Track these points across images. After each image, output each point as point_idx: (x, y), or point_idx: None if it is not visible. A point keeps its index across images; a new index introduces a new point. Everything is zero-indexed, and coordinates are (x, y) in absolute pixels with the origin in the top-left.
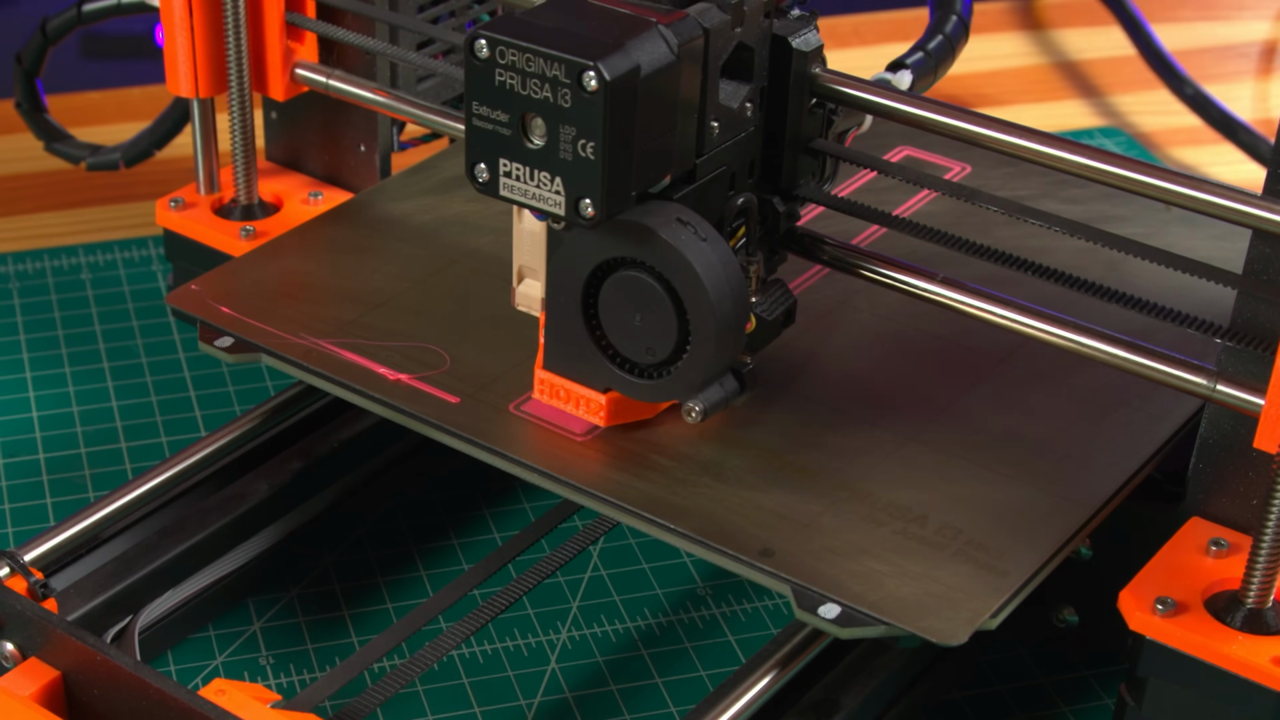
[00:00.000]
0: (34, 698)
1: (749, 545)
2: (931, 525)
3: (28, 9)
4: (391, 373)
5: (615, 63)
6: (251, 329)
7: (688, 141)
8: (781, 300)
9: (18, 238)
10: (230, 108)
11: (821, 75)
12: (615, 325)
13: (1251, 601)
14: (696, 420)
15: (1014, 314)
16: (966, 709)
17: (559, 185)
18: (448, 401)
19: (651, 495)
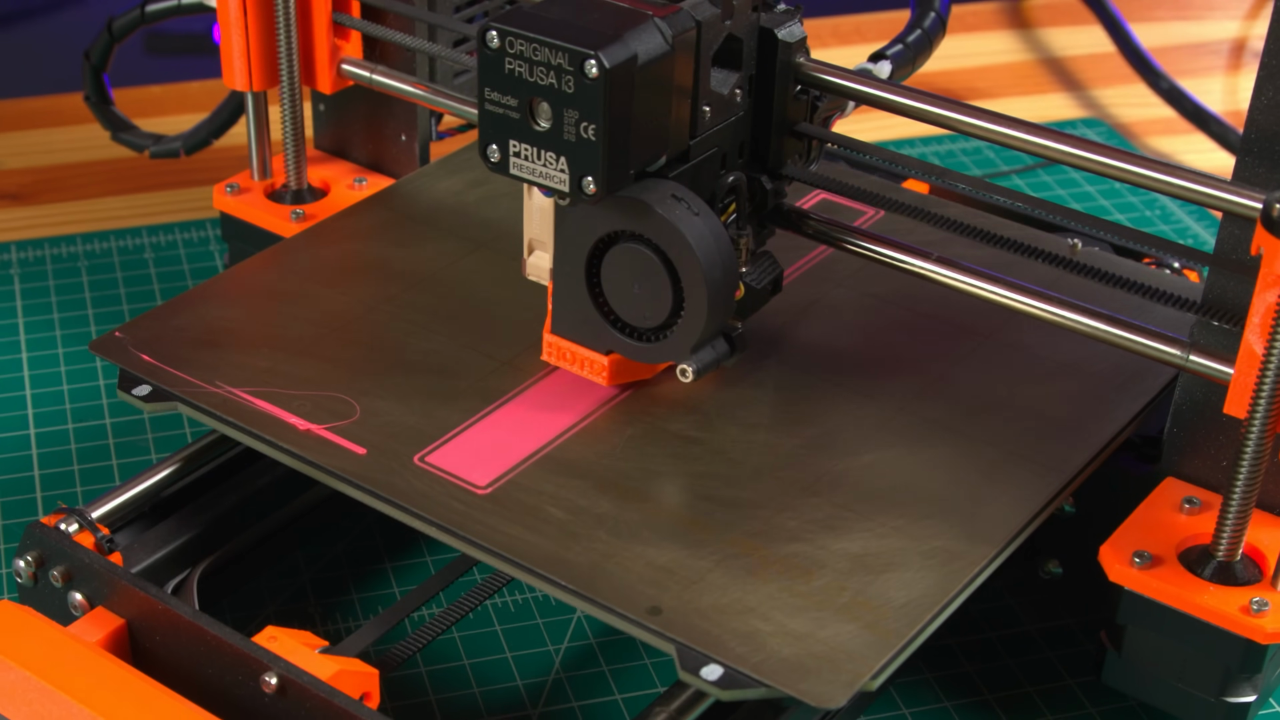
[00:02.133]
0: (101, 644)
1: (637, 603)
2: (819, 580)
3: (95, 9)
4: (302, 422)
5: (614, 52)
6: (169, 377)
7: (682, 124)
8: (769, 270)
9: (86, 220)
10: (281, 100)
11: (805, 64)
12: (616, 293)
13: (1221, 555)
14: (689, 380)
15: (1003, 290)
16: (959, 654)
17: (563, 164)
18: (354, 453)
19: (545, 550)
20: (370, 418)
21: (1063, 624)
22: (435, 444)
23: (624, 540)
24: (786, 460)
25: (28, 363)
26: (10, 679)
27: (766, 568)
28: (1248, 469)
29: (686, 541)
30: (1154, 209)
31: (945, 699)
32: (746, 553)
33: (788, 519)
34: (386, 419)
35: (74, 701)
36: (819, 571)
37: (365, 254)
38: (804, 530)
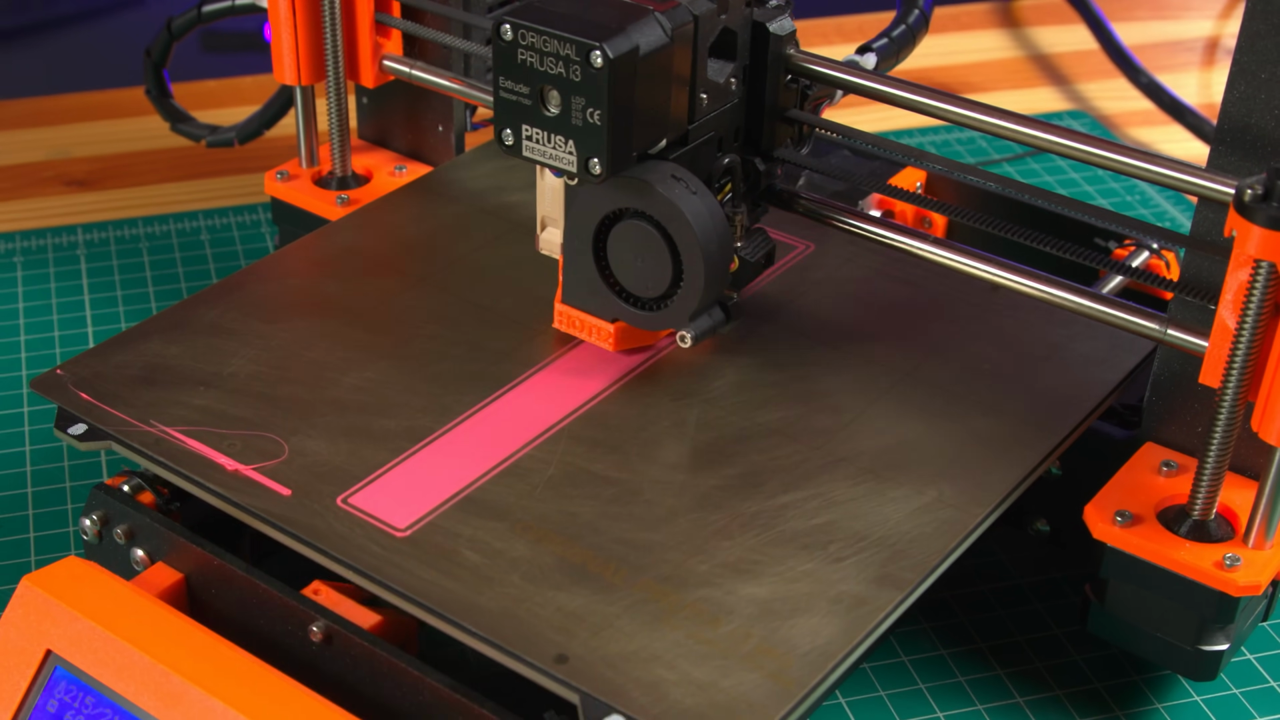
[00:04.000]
0: (161, 596)
1: (544, 650)
2: (725, 627)
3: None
4: (230, 462)
5: (617, 43)
6: (105, 416)
7: (681, 110)
8: (762, 245)
9: (147, 205)
10: (328, 93)
11: (795, 55)
12: (621, 265)
13: (1197, 514)
14: (689, 345)
15: (991, 267)
16: (953, 606)
17: (571, 147)
18: (279, 494)
19: (457, 595)
20: (298, 457)
21: (1050, 578)
22: (359, 485)
23: (536, 585)
24: (702, 501)
25: (93, 337)
26: (77, 629)
27: (675, 614)
28: (1221, 434)
29: (598, 586)
30: (1134, 194)
31: (941, 647)
32: (656, 598)
33: (699, 563)
34: (313, 459)
35: (137, 650)
36: (726, 618)
37: (308, 290)
38: (714, 575)
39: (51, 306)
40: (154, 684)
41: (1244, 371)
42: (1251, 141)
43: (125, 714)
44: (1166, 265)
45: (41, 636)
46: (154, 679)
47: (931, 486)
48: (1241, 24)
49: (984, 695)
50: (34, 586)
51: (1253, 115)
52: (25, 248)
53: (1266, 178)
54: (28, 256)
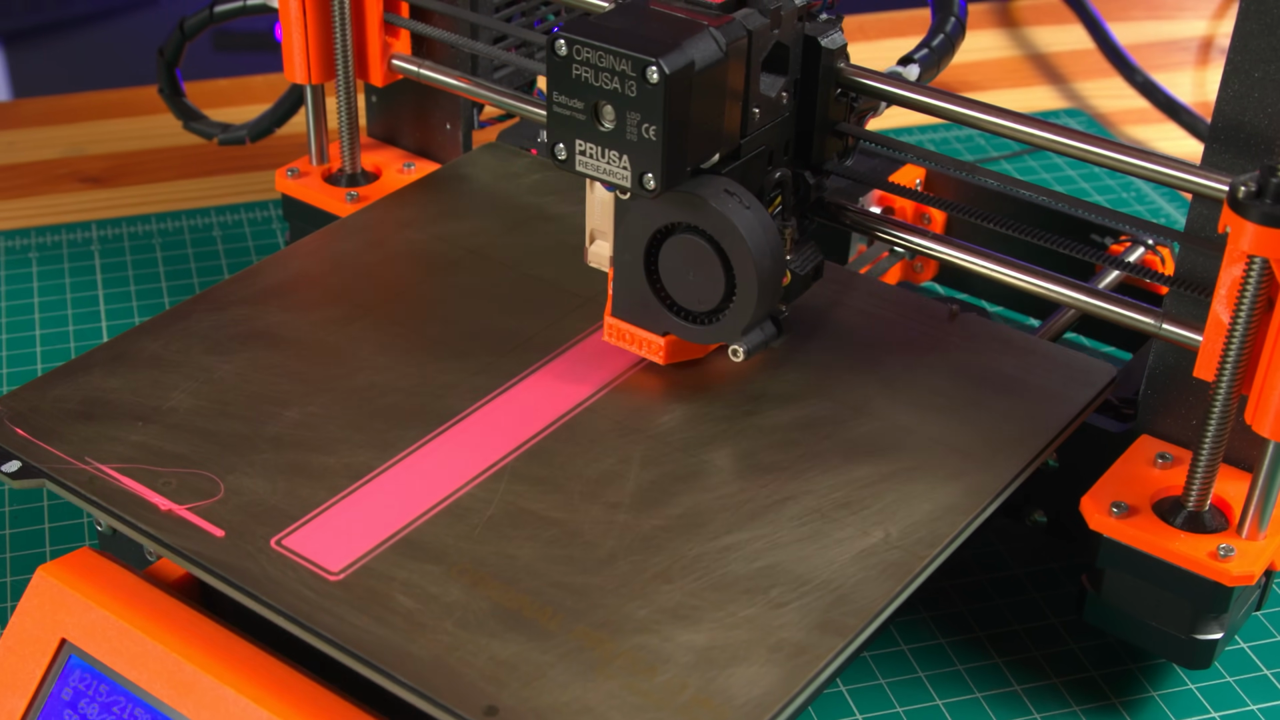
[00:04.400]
0: (173, 586)
1: (474, 702)
2: (661, 676)
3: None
4: (165, 502)
5: (673, 59)
6: (40, 452)
7: (734, 125)
8: (812, 258)
9: (160, 201)
10: (337, 92)
11: (845, 69)
12: (672, 279)
13: (1191, 505)
14: (741, 359)
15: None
16: (952, 596)
17: (626, 162)
18: (212, 535)
19: (388, 642)
20: (233, 496)
21: (1047, 568)
22: (295, 525)
23: (470, 632)
24: (644, 543)
25: (107, 331)
26: (91, 619)
27: (610, 663)
28: (1215, 427)
29: (533, 633)
30: (1130, 191)
31: (940, 636)
32: (591, 646)
33: (637, 608)
34: (249, 498)
35: (149, 639)
36: (662, 666)
37: (252, 321)
38: (652, 620)
39: (66, 302)
40: (166, 672)
41: (1238, 365)
42: (1245, 139)
43: (138, 701)
44: (1162, 261)
45: (56, 626)
46: (166, 667)
47: (878, 527)
48: (1235, 24)
49: (982, 683)
50: (49, 577)
51: (1246, 113)
52: (40, 244)
53: (1260, 175)
54: (43, 252)
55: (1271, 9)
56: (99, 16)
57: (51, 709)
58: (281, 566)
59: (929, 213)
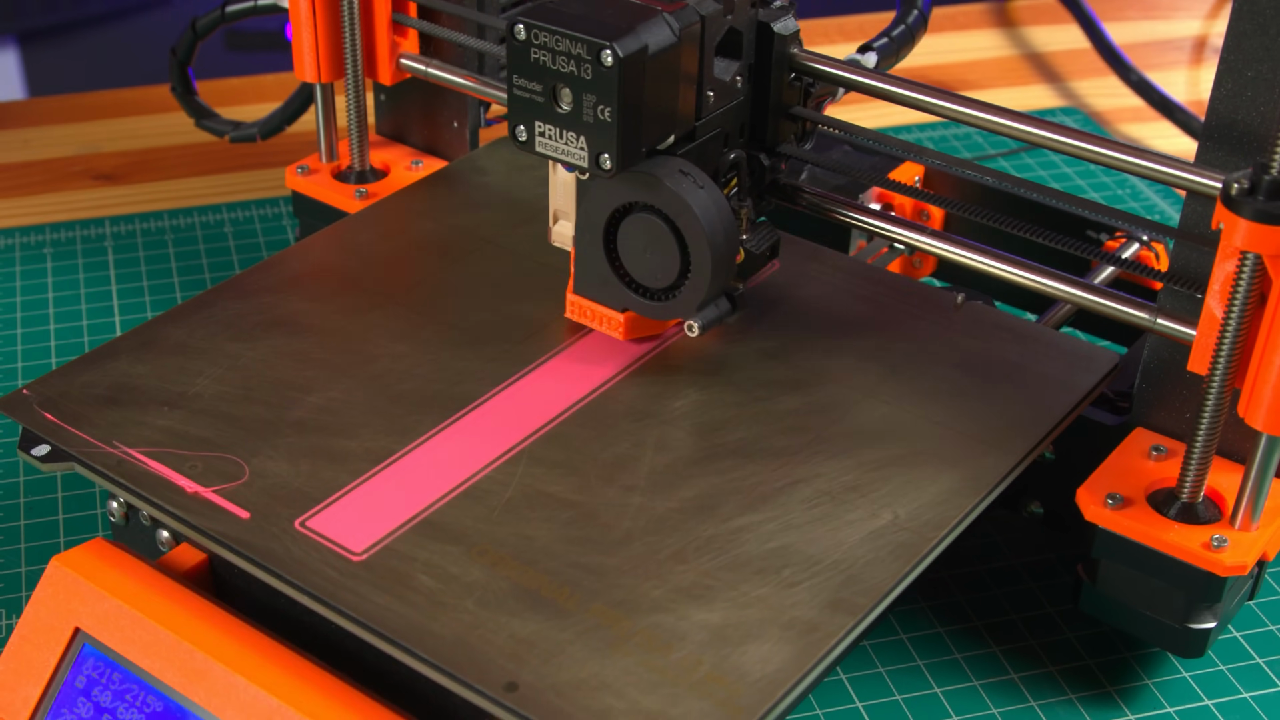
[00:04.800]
0: (185, 576)
1: (495, 678)
2: (677, 653)
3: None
4: (191, 484)
5: (627, 43)
6: (69, 436)
7: (688, 108)
8: (767, 237)
9: (173, 198)
10: (347, 91)
11: (798, 54)
12: (630, 257)
13: (1185, 497)
14: (696, 335)
15: (987, 258)
16: (950, 586)
17: (583, 143)
18: (237, 517)
19: (410, 620)
20: (258, 479)
21: (1044, 558)
22: (318, 507)
23: (490, 610)
24: (659, 525)
25: (120, 326)
26: (104, 608)
27: (626, 640)
28: (1209, 420)
29: (551, 612)
30: (1125, 188)
31: (939, 625)
32: (608, 624)
33: (653, 587)
34: (273, 481)
35: (162, 628)
36: (678, 644)
37: (275, 309)
38: (667, 600)
39: (80, 296)
40: (178, 661)
41: (1231, 359)
42: (1238, 137)
43: (150, 689)
44: (1156, 256)
45: (70, 615)
46: (178, 656)
47: (887, 509)
48: (1228, 24)
49: (980, 671)
50: (63, 567)
51: (1239, 112)
52: (55, 239)
53: (1253, 172)
54: (57, 248)
55: (1264, 9)
56: (113, 16)
57: (66, 696)
58: (305, 547)
59: (927, 209)
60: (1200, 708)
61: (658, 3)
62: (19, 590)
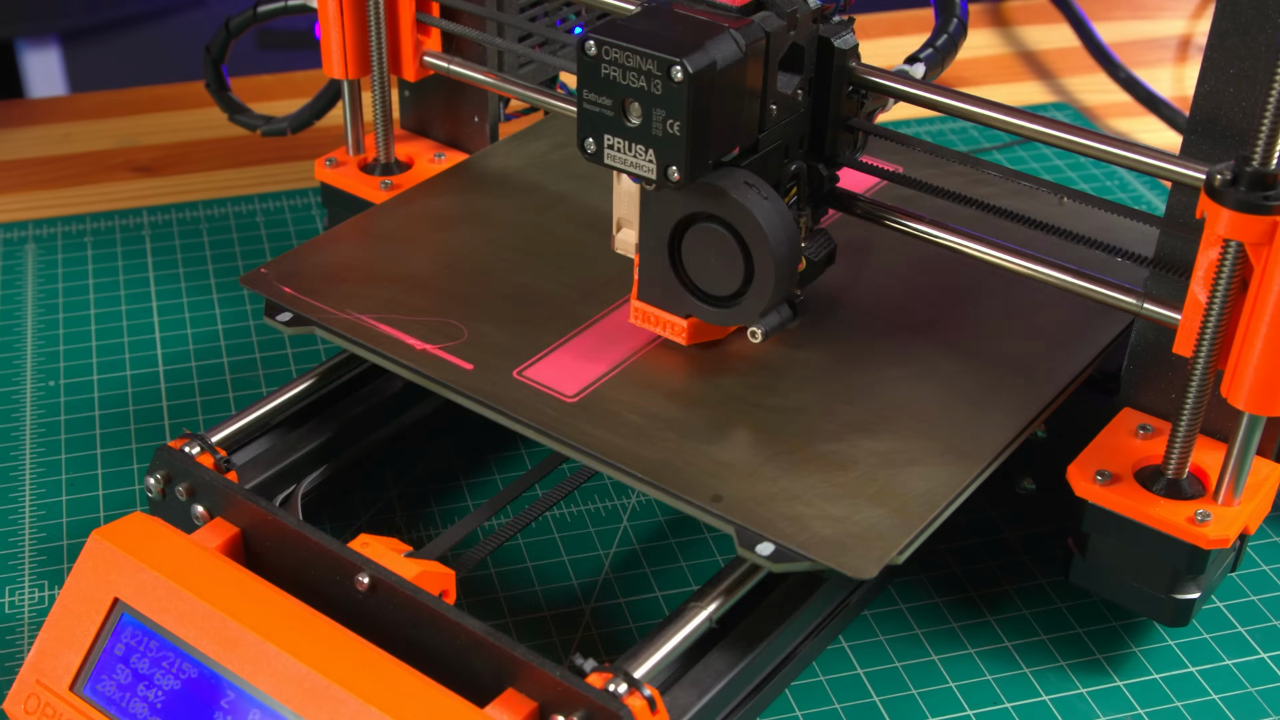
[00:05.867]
0: (219, 549)
1: (702, 491)
2: (853, 473)
3: (215, 9)
4: (419, 343)
5: (696, 59)
6: (307, 306)
7: (752, 120)
8: (825, 245)
9: (207, 189)
10: (373, 87)
11: (856, 68)
12: (695, 265)
13: (1171, 473)
14: (759, 341)
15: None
16: (947, 558)
17: (651, 155)
18: (462, 368)
19: (624, 448)
20: (476, 339)
21: (1036, 532)
22: (531, 360)
23: (690, 441)
24: (825, 373)
25: (157, 310)
26: (142, 579)
27: (809, 464)
28: (1193, 400)
29: (743, 442)
30: (1113, 180)
31: (936, 595)
32: (793, 450)
33: (826, 423)
34: (490, 340)
35: (197, 598)
36: (853, 466)
37: (462, 207)
38: (840, 432)
39: (119, 283)
40: (213, 629)
41: (1214, 342)
42: (1221, 131)
43: (186, 657)
44: None
45: (110, 586)
46: (213, 625)
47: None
48: (1211, 23)
49: (975, 639)
50: (103, 540)
51: (1222, 107)
52: (95, 229)
53: (1235, 164)
54: (97, 237)
55: (1245, 10)
56: (151, 16)
57: (105, 663)
58: (525, 392)
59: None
60: (1185, 674)
61: (724, 19)
62: (60, 563)
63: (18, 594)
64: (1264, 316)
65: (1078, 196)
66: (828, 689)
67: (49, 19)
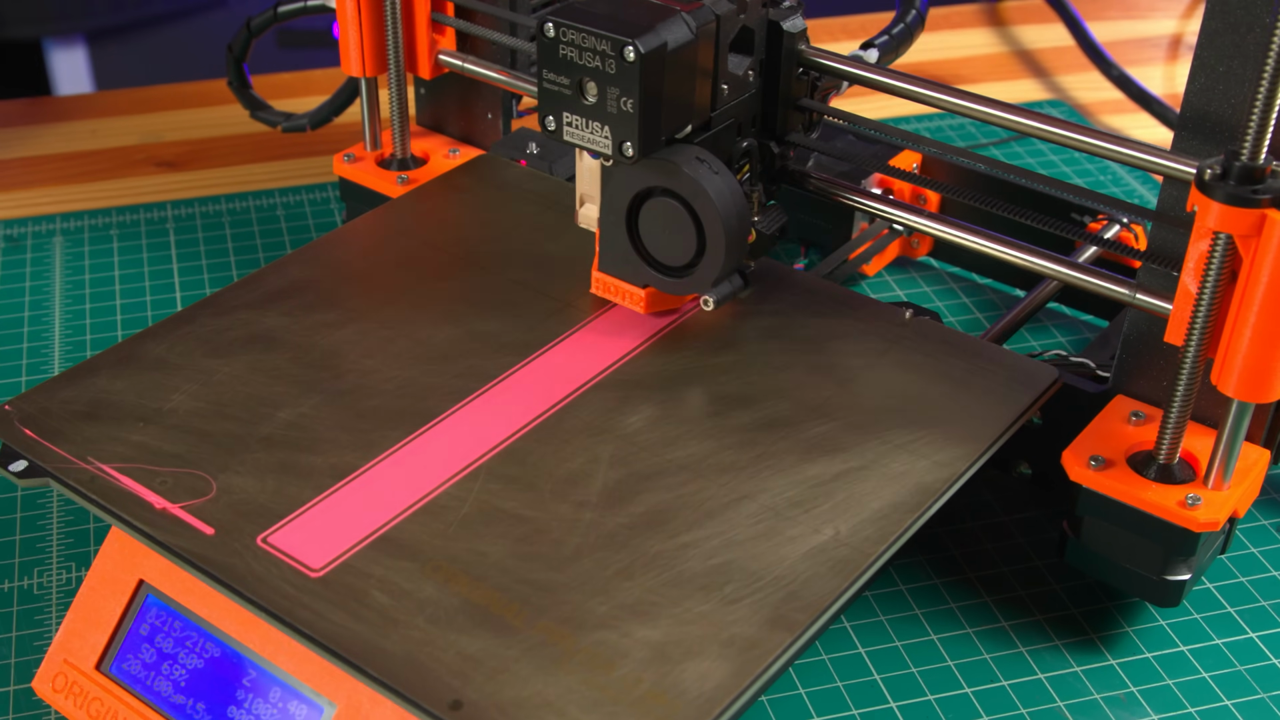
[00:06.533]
0: None
1: (440, 696)
2: (619, 670)
3: (236, 10)
4: (159, 500)
5: (648, 40)
6: (46, 452)
7: (704, 100)
8: (777, 219)
9: (229, 183)
10: (389, 84)
11: (805, 50)
12: (651, 237)
13: (1162, 459)
14: (711, 309)
15: (980, 239)
16: (945, 541)
17: (607, 132)
18: (202, 533)
19: (362, 638)
20: (224, 495)
21: (1032, 515)
22: (281, 523)
23: (440, 628)
24: (608, 541)
25: (180, 301)
26: (165, 562)
27: (571, 657)
28: (1184, 387)
29: (499, 628)
30: (1106, 174)
31: (935, 577)
32: (554, 641)
33: (599, 604)
34: (239, 496)
35: None
36: (620, 661)
37: (252, 325)
38: (612, 616)
39: (144, 274)
40: (235, 610)
41: (1204, 331)
42: (1211, 127)
43: (209, 636)
44: (1135, 237)
45: (135, 568)
46: (234, 606)
47: (829, 525)
48: (1202, 23)
49: (973, 620)
50: None
51: (1212, 104)
52: (120, 222)
53: (1224, 159)
54: (122, 230)
55: (1234, 10)
56: (174, 16)
57: (131, 643)
58: (266, 564)
59: (924, 193)
60: (1176, 653)
61: (676, 3)
62: (87, 545)
63: (46, 575)
64: (1252, 306)
65: (1071, 191)
66: (830, 667)
67: (75, 19)
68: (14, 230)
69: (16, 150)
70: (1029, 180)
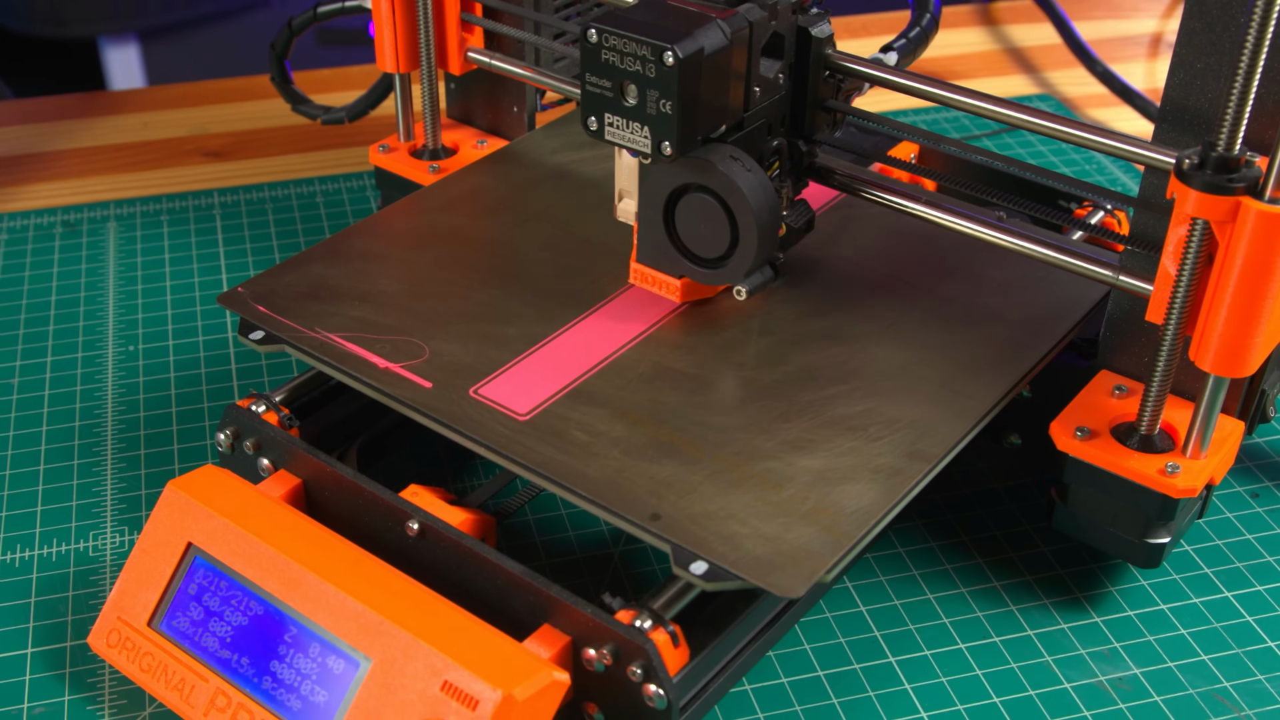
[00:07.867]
0: (283, 498)
1: (641, 510)
2: (787, 491)
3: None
4: (382, 361)
5: (686, 45)
6: (279, 325)
7: (737, 101)
8: (804, 214)
9: (271, 173)
10: (422, 80)
11: (832, 55)
12: (687, 231)
13: (1144, 429)
14: (743, 298)
15: (979, 226)
16: (941, 506)
17: (646, 132)
18: (422, 386)
19: (569, 466)
20: (436, 358)
21: (1022, 482)
22: (487, 379)
23: (633, 458)
24: (766, 393)
25: (226, 283)
26: (213, 525)
27: (746, 481)
28: (1164, 363)
29: (683, 460)
30: (1092, 164)
31: (931, 540)
32: (731, 469)
33: (764, 441)
34: (449, 359)
35: (263, 543)
36: (787, 484)
37: (436, 225)
38: (777, 450)
39: (192, 257)
40: (278, 571)
41: (1183, 310)
42: (1189, 120)
43: (253, 595)
44: (1119, 223)
45: (184, 531)
46: (278, 567)
47: (951, 381)
48: (1181, 22)
49: (967, 580)
50: (177, 490)
51: (1190, 98)
52: (170, 209)
53: (1202, 150)
54: (172, 216)
55: (1211, 10)
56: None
57: (180, 601)
58: (479, 410)
59: (921, 182)
60: (1156, 611)
61: (712, 10)
62: (139, 510)
63: (100, 539)
64: (1228, 287)
65: (1058, 179)
66: (833, 624)
67: (129, 18)
68: (71, 216)
69: (73, 141)
70: (1019, 169)
